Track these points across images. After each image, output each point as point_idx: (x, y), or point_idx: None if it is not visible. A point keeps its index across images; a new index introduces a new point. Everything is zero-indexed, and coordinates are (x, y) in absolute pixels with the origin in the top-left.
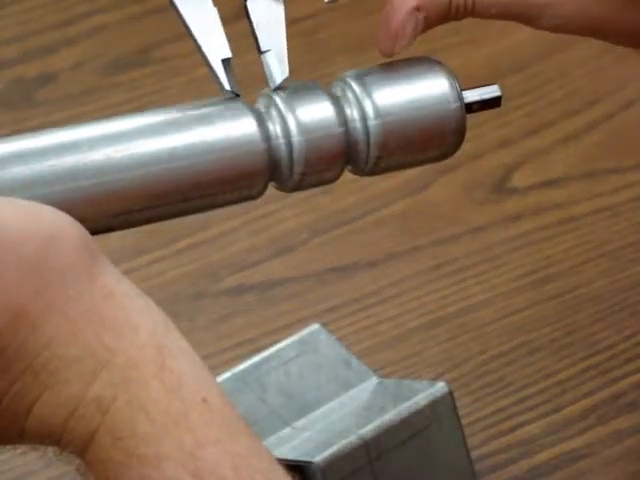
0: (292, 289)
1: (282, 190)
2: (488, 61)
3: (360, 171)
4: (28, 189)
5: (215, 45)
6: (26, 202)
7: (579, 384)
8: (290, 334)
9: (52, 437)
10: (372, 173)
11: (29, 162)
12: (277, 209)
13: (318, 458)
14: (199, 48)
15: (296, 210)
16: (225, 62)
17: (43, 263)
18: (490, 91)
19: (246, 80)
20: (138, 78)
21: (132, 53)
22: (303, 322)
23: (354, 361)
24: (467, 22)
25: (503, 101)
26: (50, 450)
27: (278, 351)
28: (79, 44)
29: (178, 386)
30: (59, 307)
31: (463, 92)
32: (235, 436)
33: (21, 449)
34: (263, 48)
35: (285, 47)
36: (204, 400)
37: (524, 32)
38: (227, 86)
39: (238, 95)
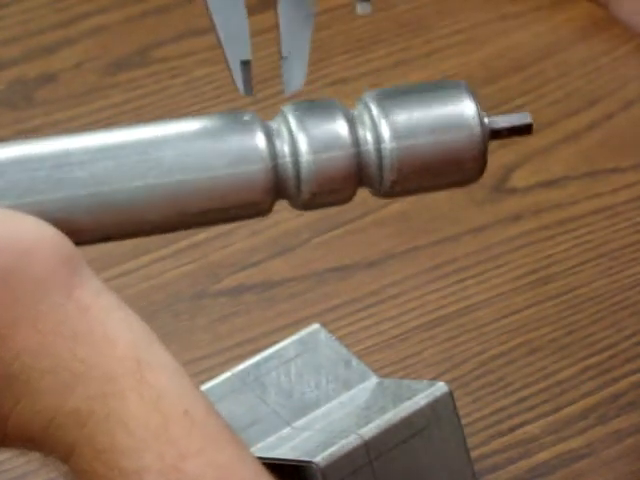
0: (292, 289)
1: (294, 207)
2: (488, 61)
3: (377, 193)
4: (21, 196)
5: (237, 45)
6: (8, 211)
7: (579, 384)
8: (290, 334)
9: (34, 444)
10: (390, 195)
11: (26, 169)
12: (277, 209)
13: (318, 458)
14: (221, 46)
15: (296, 210)
16: (244, 64)
17: (15, 276)
18: (520, 118)
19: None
20: (138, 78)
21: (132, 53)
22: (303, 322)
23: (354, 361)
24: (467, 22)
25: (503, 101)
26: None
27: (278, 351)
28: (79, 44)
29: (158, 399)
30: (29, 320)
31: (492, 118)
32: (219, 446)
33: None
34: (285, 52)
35: (307, 55)
36: (186, 412)
37: (524, 32)
38: (241, 89)
39: (251, 94)
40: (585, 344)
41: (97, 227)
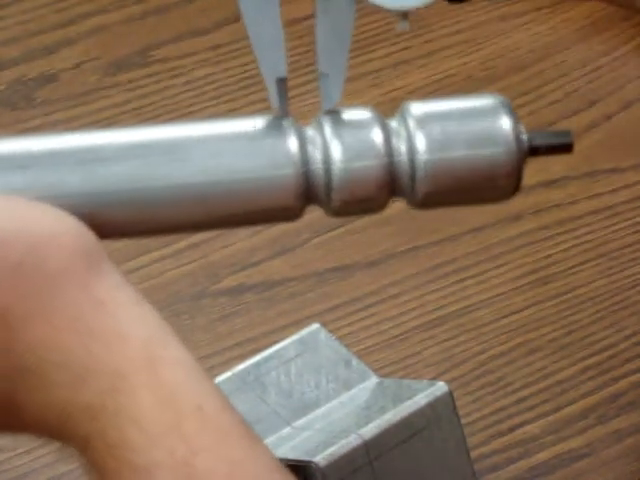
0: (292, 289)
1: (327, 214)
2: (488, 61)
3: (412, 204)
4: (46, 189)
5: (272, 62)
6: (28, 203)
7: (579, 384)
8: (290, 334)
9: (51, 433)
10: (424, 206)
11: (53, 162)
12: None
13: (318, 458)
14: (257, 62)
15: None
16: (279, 81)
17: (30, 268)
18: (561, 137)
19: (246, 81)
20: (138, 78)
21: (132, 53)
22: (303, 322)
23: (354, 361)
24: (467, 22)
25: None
26: (52, 449)
27: (278, 351)
28: (79, 44)
29: (170, 395)
30: (43, 314)
31: (530, 134)
32: (231, 442)
33: (21, 449)
34: (322, 70)
35: (344, 73)
36: (199, 408)
37: (524, 32)
38: (275, 106)
39: (286, 116)
40: (585, 344)
41: (123, 223)
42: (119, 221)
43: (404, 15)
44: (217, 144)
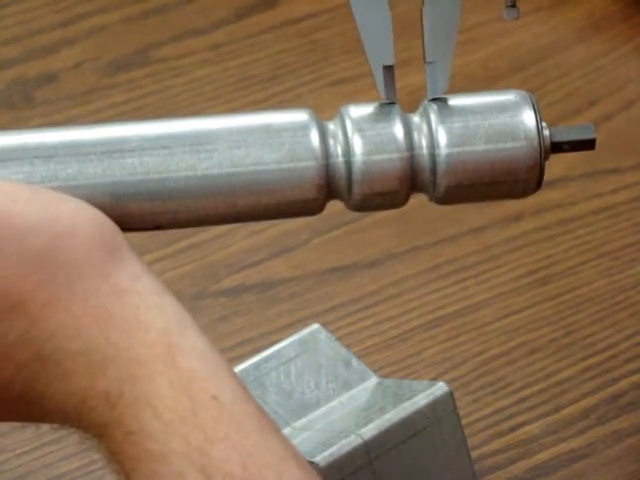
0: (292, 289)
1: (348, 208)
2: (488, 61)
3: (433, 198)
4: (70, 179)
5: (380, 50)
6: (50, 192)
7: (579, 384)
8: (290, 334)
9: (70, 421)
10: (444, 202)
11: (77, 153)
12: None
13: (318, 458)
14: (365, 50)
15: None
16: (386, 69)
17: (50, 257)
18: (583, 132)
19: (246, 81)
20: (138, 78)
21: (132, 53)
22: (303, 322)
23: (354, 361)
24: (467, 22)
25: None
26: (52, 449)
27: (278, 351)
28: (79, 44)
29: (187, 384)
30: (63, 302)
31: (552, 130)
32: (245, 432)
33: (21, 449)
34: (428, 58)
35: (451, 60)
36: (214, 397)
37: (524, 32)
38: (382, 94)
39: (394, 103)
40: (585, 344)
41: (145, 214)
42: (142, 212)
43: (512, 3)
44: (240, 136)
